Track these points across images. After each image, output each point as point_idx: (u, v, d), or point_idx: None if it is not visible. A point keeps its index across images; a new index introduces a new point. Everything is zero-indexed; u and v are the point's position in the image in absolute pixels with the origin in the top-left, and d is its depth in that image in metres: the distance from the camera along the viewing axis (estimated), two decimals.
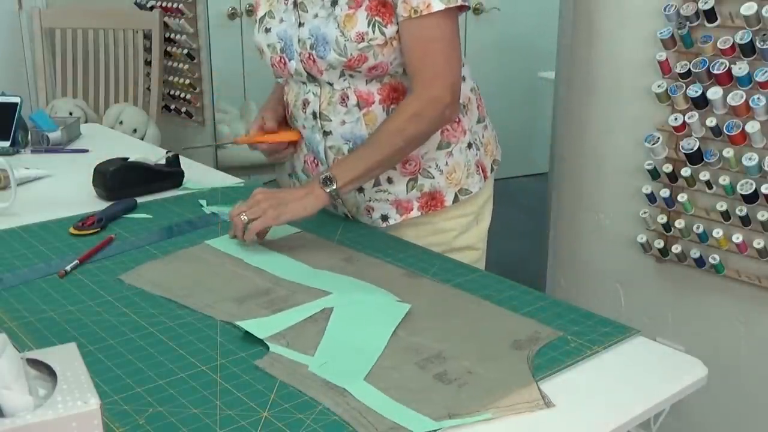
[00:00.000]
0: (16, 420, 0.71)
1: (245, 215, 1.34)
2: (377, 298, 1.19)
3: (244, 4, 3.90)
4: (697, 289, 2.16)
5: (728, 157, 1.94)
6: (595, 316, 1.14)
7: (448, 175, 1.50)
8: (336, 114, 1.46)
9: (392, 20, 1.37)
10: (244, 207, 1.35)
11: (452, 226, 1.54)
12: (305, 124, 1.52)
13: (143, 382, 0.97)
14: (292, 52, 1.46)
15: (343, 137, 1.47)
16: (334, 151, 1.49)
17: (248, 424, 0.89)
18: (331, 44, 1.38)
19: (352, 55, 1.37)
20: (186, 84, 3.53)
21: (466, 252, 1.56)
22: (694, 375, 1.02)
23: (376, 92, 1.43)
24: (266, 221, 1.34)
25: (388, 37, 1.37)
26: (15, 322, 1.12)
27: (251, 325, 1.09)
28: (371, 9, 1.36)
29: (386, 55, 1.39)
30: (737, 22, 1.87)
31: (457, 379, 0.97)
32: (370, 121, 1.44)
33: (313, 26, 1.41)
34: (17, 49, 3.37)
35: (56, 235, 1.46)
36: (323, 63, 1.41)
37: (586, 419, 0.92)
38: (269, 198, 1.35)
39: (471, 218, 1.56)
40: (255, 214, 1.33)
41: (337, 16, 1.38)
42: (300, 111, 1.51)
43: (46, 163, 1.92)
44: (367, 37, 1.36)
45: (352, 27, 1.36)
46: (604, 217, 2.34)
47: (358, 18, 1.36)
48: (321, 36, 1.39)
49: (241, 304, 1.17)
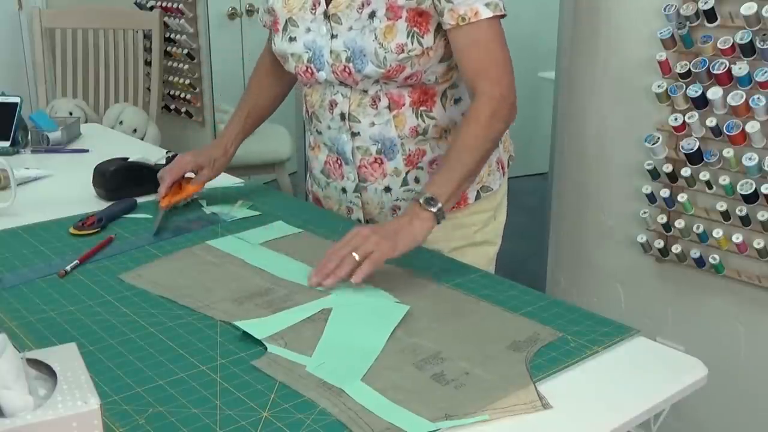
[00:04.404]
0: (16, 420, 0.71)
1: (356, 253, 1.19)
2: (376, 299, 1.19)
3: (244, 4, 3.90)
4: (697, 289, 2.16)
5: (728, 157, 1.94)
6: (595, 316, 1.14)
7: None
8: (365, 115, 1.45)
9: (428, 29, 1.37)
10: (350, 246, 1.21)
11: (473, 222, 1.55)
12: (330, 125, 1.50)
13: (143, 382, 0.97)
14: (322, 63, 1.44)
15: (372, 138, 1.46)
16: (362, 152, 1.48)
17: (248, 424, 0.89)
18: (369, 56, 1.37)
19: (391, 66, 1.37)
20: (186, 84, 3.53)
21: (485, 247, 1.57)
22: (694, 375, 1.02)
23: (407, 95, 1.43)
24: (384, 254, 1.20)
25: (426, 47, 1.37)
26: (15, 322, 1.12)
27: (249, 325, 1.09)
28: (410, 20, 1.36)
29: (422, 65, 1.39)
30: (737, 22, 1.87)
31: (455, 380, 0.97)
32: (399, 123, 1.44)
33: (349, 38, 1.40)
34: (17, 49, 3.38)
35: (56, 235, 1.46)
36: (359, 75, 1.40)
37: (586, 419, 0.92)
38: (376, 231, 1.22)
39: (490, 214, 1.58)
40: (368, 249, 1.19)
41: (376, 28, 1.36)
42: (326, 112, 1.49)
43: (46, 163, 1.92)
44: (407, 48, 1.36)
45: (392, 38, 1.36)
46: (604, 217, 2.34)
47: (398, 29, 1.36)
48: (358, 49, 1.38)
49: (240, 305, 1.17)
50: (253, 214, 1.56)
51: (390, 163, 1.48)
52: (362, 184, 1.52)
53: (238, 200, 1.63)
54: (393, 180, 1.49)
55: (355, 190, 1.53)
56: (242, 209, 1.59)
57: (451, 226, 1.50)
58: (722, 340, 2.12)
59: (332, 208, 1.60)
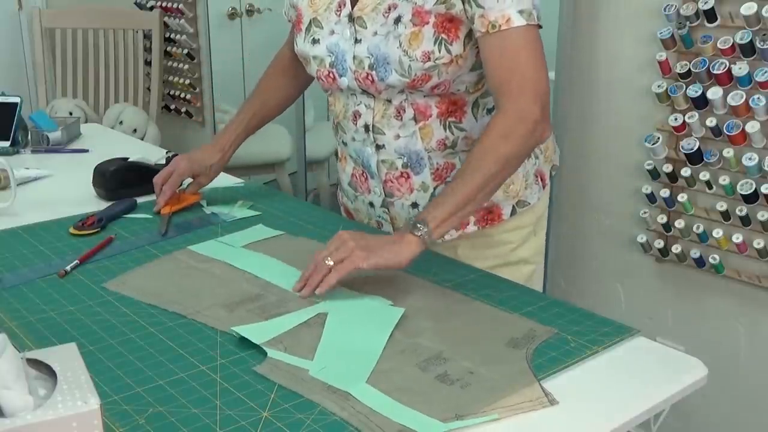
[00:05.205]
0: (16, 420, 0.71)
1: (330, 258, 1.17)
2: (370, 303, 1.18)
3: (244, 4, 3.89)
4: (697, 289, 2.16)
5: (728, 157, 1.94)
6: (595, 316, 1.14)
7: (506, 187, 1.40)
8: (390, 127, 1.38)
9: (458, 36, 1.28)
10: (327, 251, 1.19)
11: (510, 239, 1.46)
12: (355, 137, 1.43)
13: (143, 382, 0.97)
14: (344, 68, 1.36)
15: (397, 151, 1.39)
16: (387, 166, 1.41)
17: (248, 424, 0.89)
18: (393, 65, 1.30)
19: (416, 75, 1.29)
20: (186, 84, 3.53)
21: (519, 266, 1.47)
22: (694, 375, 1.02)
23: (434, 105, 1.35)
24: (354, 262, 1.16)
25: (454, 55, 1.28)
26: (15, 322, 1.12)
27: (247, 330, 1.08)
28: (438, 26, 1.27)
29: (450, 74, 1.30)
30: (737, 22, 1.87)
31: (459, 380, 0.97)
32: (425, 135, 1.36)
33: (372, 44, 1.32)
34: (17, 49, 3.38)
35: (56, 235, 1.46)
36: (382, 84, 1.32)
37: (586, 419, 0.92)
38: (357, 239, 1.19)
39: (529, 230, 1.48)
40: (341, 254, 1.17)
41: (400, 35, 1.29)
42: (350, 123, 1.42)
43: (46, 163, 1.92)
44: (434, 56, 1.27)
45: (417, 46, 1.27)
46: (604, 217, 2.34)
47: (424, 36, 1.27)
48: (381, 56, 1.31)
49: (231, 311, 1.15)
50: (253, 214, 1.56)
51: (417, 177, 1.40)
52: (389, 199, 1.45)
53: (238, 200, 1.63)
54: (420, 195, 1.41)
55: (382, 204, 1.47)
56: (242, 209, 1.59)
57: (485, 245, 1.45)
58: (722, 340, 2.12)
59: (362, 221, 1.55)
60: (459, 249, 1.45)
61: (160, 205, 1.54)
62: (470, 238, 1.45)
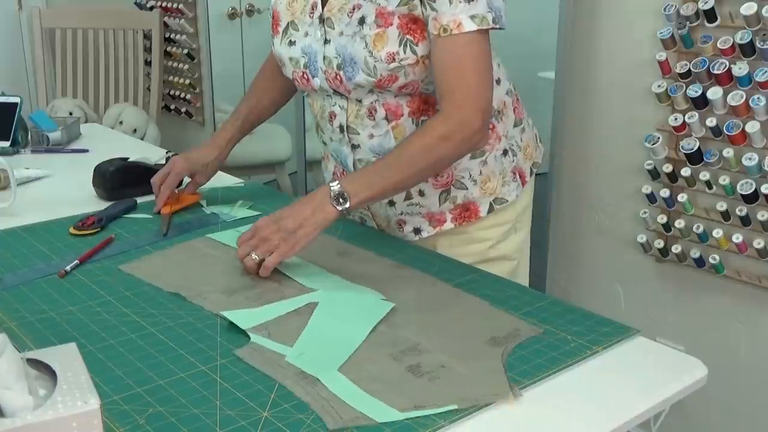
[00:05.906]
0: (16, 420, 0.71)
1: (255, 255, 1.24)
2: (362, 296, 1.20)
3: (244, 4, 3.89)
4: (697, 289, 2.16)
5: (728, 157, 1.94)
6: (595, 316, 1.14)
7: (482, 185, 1.44)
8: (364, 127, 1.40)
9: (423, 37, 1.29)
10: (251, 244, 1.25)
11: (488, 236, 1.47)
12: (332, 137, 1.46)
13: (143, 382, 0.97)
14: (316, 69, 1.39)
15: (372, 150, 1.41)
16: (363, 164, 1.43)
17: (248, 424, 0.89)
18: (360, 65, 1.31)
19: (382, 75, 1.30)
20: (186, 84, 3.53)
21: (499, 263, 1.48)
22: (694, 375, 1.02)
23: (405, 104, 1.36)
24: (282, 255, 1.23)
25: (420, 55, 1.29)
26: (15, 322, 1.12)
27: (235, 315, 1.11)
28: (402, 27, 1.28)
29: (417, 74, 1.31)
30: (737, 22, 1.87)
31: (429, 373, 0.98)
32: (399, 134, 1.38)
33: (340, 45, 1.34)
34: (17, 49, 3.38)
35: (56, 235, 1.46)
36: (350, 84, 1.35)
37: (587, 419, 0.92)
38: (275, 230, 1.23)
39: (509, 226, 1.50)
40: (266, 251, 1.23)
41: (366, 35, 1.30)
42: (327, 123, 1.45)
43: (46, 163, 1.92)
44: (398, 57, 1.29)
45: (382, 47, 1.29)
46: (604, 217, 2.34)
47: (389, 37, 1.29)
48: (348, 56, 1.32)
49: (230, 296, 1.19)
50: (253, 214, 1.56)
51: None
52: None
53: (238, 200, 1.64)
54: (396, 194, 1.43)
55: None
56: (242, 209, 1.59)
57: (463, 241, 1.46)
58: (722, 340, 2.12)
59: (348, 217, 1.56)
60: (438, 246, 1.47)
61: (159, 206, 1.55)
62: (447, 235, 1.47)
